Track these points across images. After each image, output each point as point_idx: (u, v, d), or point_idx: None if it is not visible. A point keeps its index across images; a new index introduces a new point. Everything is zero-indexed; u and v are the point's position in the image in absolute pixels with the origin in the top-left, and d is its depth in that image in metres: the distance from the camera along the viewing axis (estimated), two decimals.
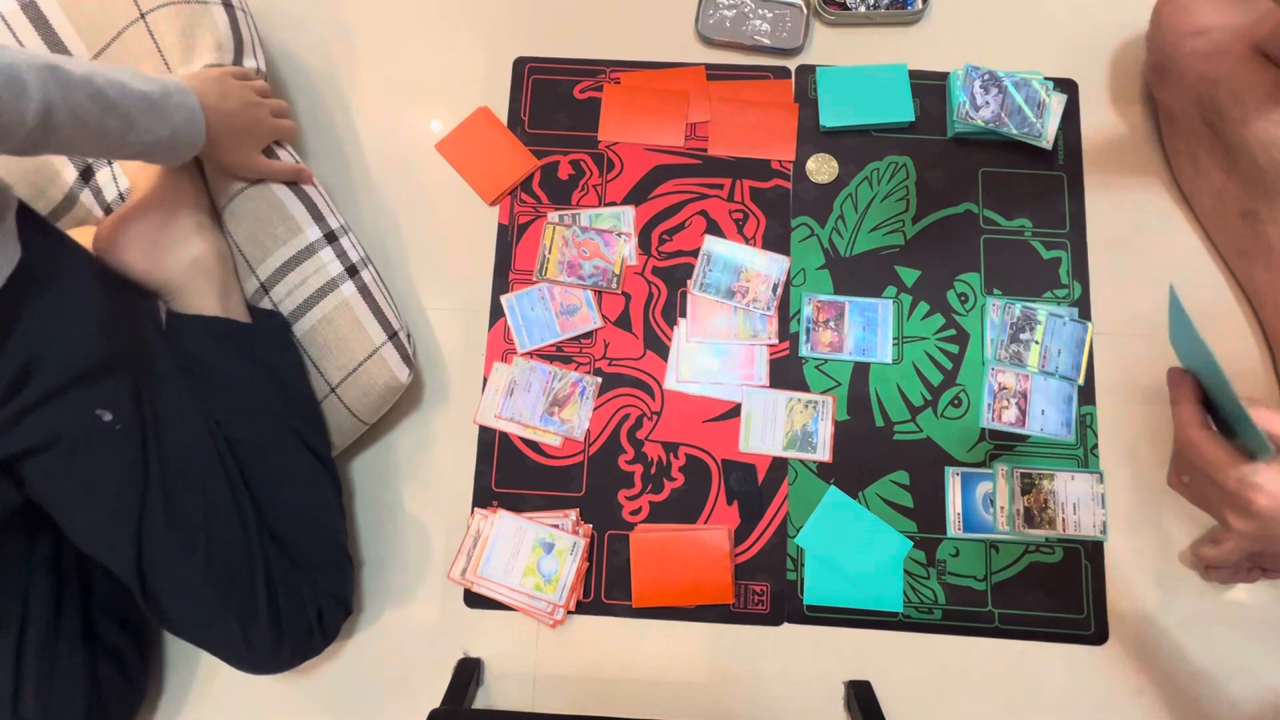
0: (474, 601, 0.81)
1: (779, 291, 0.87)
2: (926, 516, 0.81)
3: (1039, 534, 0.80)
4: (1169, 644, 0.79)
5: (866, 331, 0.86)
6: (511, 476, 0.83)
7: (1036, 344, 0.84)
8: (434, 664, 0.79)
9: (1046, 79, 0.90)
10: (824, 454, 0.83)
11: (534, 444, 0.84)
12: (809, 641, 0.80)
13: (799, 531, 0.81)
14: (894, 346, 0.85)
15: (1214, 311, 0.86)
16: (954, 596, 0.80)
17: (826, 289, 0.87)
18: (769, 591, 0.80)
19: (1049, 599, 0.79)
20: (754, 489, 0.82)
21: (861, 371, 0.85)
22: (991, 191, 0.89)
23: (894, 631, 0.79)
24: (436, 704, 0.71)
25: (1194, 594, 0.80)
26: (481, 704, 0.78)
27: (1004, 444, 0.83)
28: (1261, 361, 0.85)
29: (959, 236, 0.88)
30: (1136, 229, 0.88)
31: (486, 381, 0.86)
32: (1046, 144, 0.88)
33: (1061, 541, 0.81)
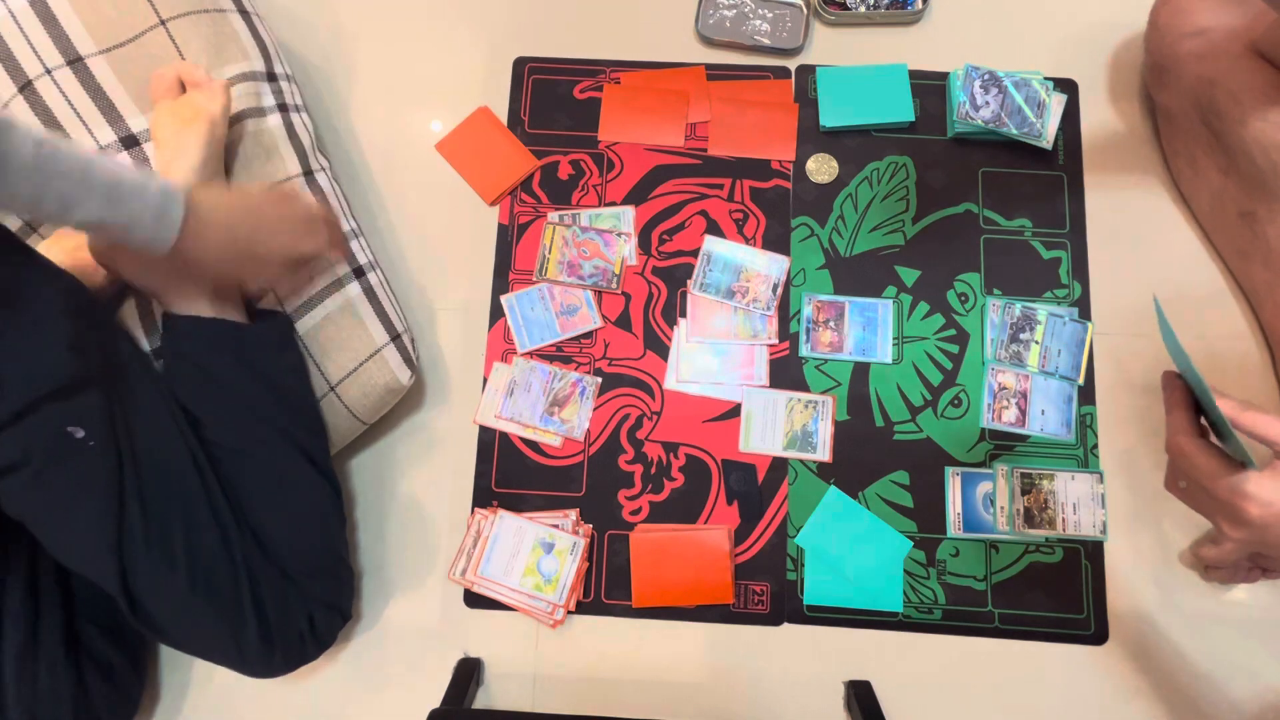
0: (474, 601, 0.81)
1: (779, 291, 0.87)
2: (926, 516, 0.81)
3: (1039, 534, 0.80)
4: (1169, 644, 0.79)
5: (866, 331, 0.86)
6: (511, 476, 0.83)
7: (1036, 344, 0.85)
8: (434, 664, 0.79)
9: (1046, 79, 0.90)
10: (824, 454, 0.83)
11: (534, 444, 0.84)
12: (809, 641, 0.80)
13: (799, 531, 0.81)
14: (894, 346, 0.85)
15: (1213, 311, 0.86)
16: (954, 596, 0.80)
17: (826, 289, 0.87)
18: (769, 591, 0.80)
19: (1049, 599, 0.79)
20: (754, 489, 0.82)
21: (861, 371, 0.85)
22: (991, 191, 0.89)
23: (894, 631, 0.79)
24: (436, 704, 0.71)
25: (1194, 594, 0.80)
26: (481, 704, 0.78)
27: (1004, 444, 0.83)
28: (1261, 361, 0.85)
29: (959, 236, 0.88)
30: (1136, 229, 0.88)
31: (486, 381, 0.85)
32: (1046, 144, 0.88)
33: (1061, 541, 0.81)
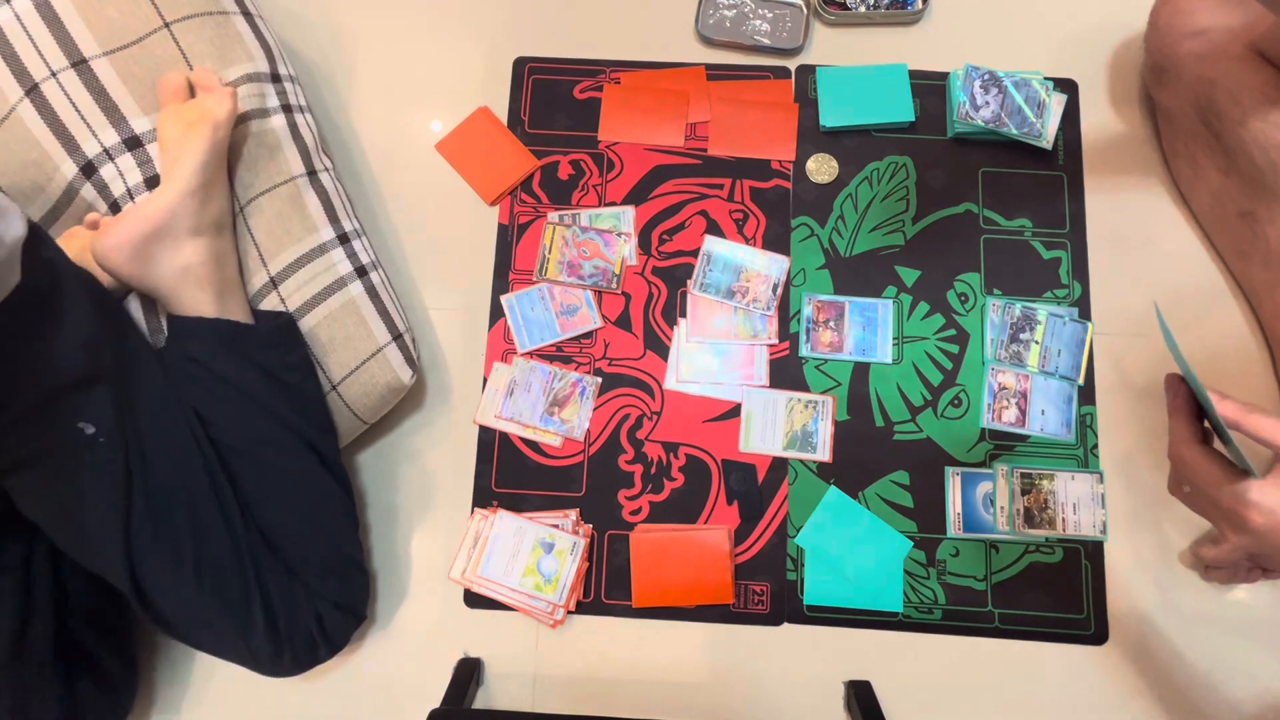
0: (474, 601, 0.81)
1: (779, 291, 0.87)
2: (926, 516, 0.81)
3: (1039, 534, 0.80)
4: (1169, 644, 0.79)
5: (866, 331, 0.86)
6: (511, 476, 0.83)
7: (1036, 344, 0.85)
8: (434, 664, 0.79)
9: (1046, 79, 0.90)
10: (824, 454, 0.83)
11: (534, 444, 0.84)
12: (809, 641, 0.80)
13: (799, 531, 0.81)
14: (894, 346, 0.85)
15: (1213, 311, 0.86)
16: (954, 596, 0.80)
17: (826, 289, 0.87)
18: (769, 591, 0.80)
19: (1049, 599, 0.79)
20: (754, 489, 0.82)
21: (861, 371, 0.85)
22: (991, 191, 0.89)
23: (894, 631, 0.79)
24: (436, 704, 0.71)
25: (1194, 594, 0.80)
26: (481, 704, 0.78)
27: (1004, 444, 0.83)
28: (1261, 362, 0.85)
29: (959, 236, 0.88)
30: (1136, 229, 0.88)
31: (486, 381, 0.85)
32: (1046, 144, 0.88)
33: (1061, 541, 0.81)
